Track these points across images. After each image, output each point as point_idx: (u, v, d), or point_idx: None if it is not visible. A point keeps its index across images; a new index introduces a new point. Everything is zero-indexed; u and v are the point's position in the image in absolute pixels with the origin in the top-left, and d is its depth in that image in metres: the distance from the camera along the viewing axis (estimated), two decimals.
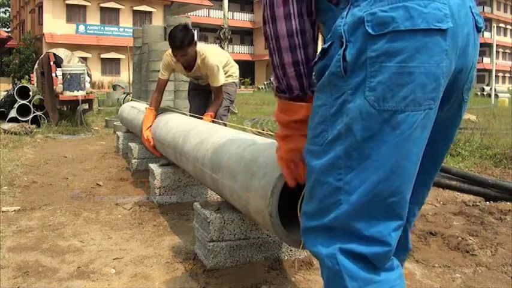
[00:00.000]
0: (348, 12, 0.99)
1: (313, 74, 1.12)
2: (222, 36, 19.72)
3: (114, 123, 7.35)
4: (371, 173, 0.99)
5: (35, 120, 7.75)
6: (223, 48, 17.50)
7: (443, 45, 0.96)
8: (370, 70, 0.95)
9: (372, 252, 1.02)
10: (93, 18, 30.20)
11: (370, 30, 0.94)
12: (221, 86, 3.44)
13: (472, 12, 1.07)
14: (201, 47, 3.49)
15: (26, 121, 7.54)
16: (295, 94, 1.20)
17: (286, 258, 2.13)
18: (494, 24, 37.05)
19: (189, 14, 31.59)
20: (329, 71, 1.01)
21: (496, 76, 26.70)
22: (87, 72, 9.15)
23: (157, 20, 30.55)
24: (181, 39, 3.20)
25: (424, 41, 0.94)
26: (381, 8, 0.95)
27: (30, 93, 7.92)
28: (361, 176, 1.00)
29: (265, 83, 32.01)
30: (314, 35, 1.17)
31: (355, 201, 1.01)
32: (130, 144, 4.33)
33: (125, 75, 18.06)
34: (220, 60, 3.55)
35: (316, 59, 1.07)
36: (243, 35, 41.95)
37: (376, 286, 1.04)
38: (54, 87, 7.87)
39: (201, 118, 3.28)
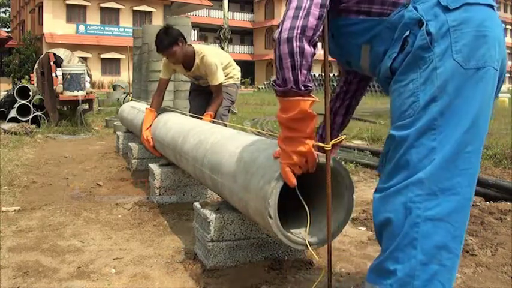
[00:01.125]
0: (414, 6, 1.22)
1: (390, 66, 1.28)
2: (222, 36, 19.72)
3: (114, 123, 7.34)
4: (459, 127, 1.16)
5: (35, 120, 7.75)
6: (223, 48, 17.51)
7: (497, 17, 1.24)
8: (453, 37, 1.17)
9: (452, 208, 1.16)
10: (93, 18, 30.19)
11: (448, 5, 1.18)
12: (220, 84, 3.43)
13: None
14: (200, 47, 3.48)
15: (26, 121, 7.54)
16: (288, 87, 1.29)
17: (286, 258, 2.13)
18: None
19: (189, 14, 31.61)
20: (414, 49, 1.20)
21: None
22: (87, 72, 9.15)
23: (157, 20, 30.54)
24: (161, 41, 3.24)
25: (488, 11, 1.22)
26: None
27: (30, 93, 7.92)
28: (452, 131, 1.16)
29: (265, 83, 31.98)
30: (314, 32, 1.28)
31: (443, 155, 1.16)
32: (130, 144, 4.33)
33: (125, 75, 18.05)
34: (220, 61, 3.55)
35: (395, 55, 1.26)
36: (243, 35, 41.92)
37: (439, 269, 1.15)
38: (54, 87, 7.87)
39: (201, 118, 3.28)
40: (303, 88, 1.29)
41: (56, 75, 8.04)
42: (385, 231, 1.23)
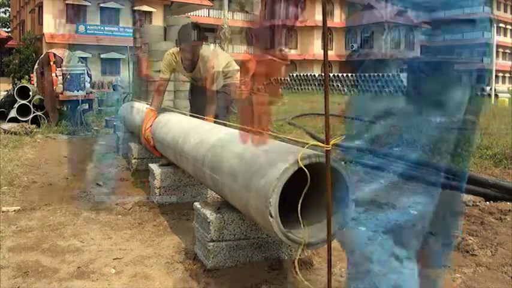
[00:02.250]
0: None
1: None
2: (222, 36, 19.69)
3: (114, 123, 7.34)
4: None
5: (35, 120, 7.74)
6: (223, 48, 17.48)
7: None
8: None
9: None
10: (93, 18, 30.18)
11: None
12: (215, 91, 3.44)
13: None
14: (203, 49, 3.48)
15: (26, 121, 7.53)
16: None
17: (286, 258, 2.13)
18: (494, 24, 36.99)
19: (189, 14, 31.57)
20: None
21: (496, 76, 26.60)
22: (87, 72, 9.14)
23: (157, 20, 30.52)
24: (197, 34, 3.25)
25: None
26: None
27: (30, 93, 7.91)
28: None
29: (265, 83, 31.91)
30: None
31: None
32: (130, 144, 4.33)
33: (125, 75, 18.03)
34: (221, 64, 3.55)
35: None
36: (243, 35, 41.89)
37: None
38: (54, 87, 7.86)
39: (202, 118, 3.27)
40: None
41: (56, 75, 8.03)
42: None
